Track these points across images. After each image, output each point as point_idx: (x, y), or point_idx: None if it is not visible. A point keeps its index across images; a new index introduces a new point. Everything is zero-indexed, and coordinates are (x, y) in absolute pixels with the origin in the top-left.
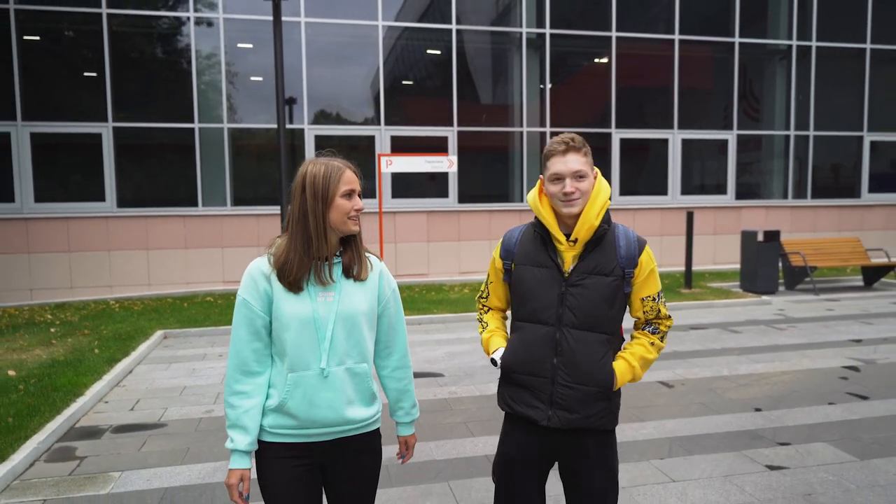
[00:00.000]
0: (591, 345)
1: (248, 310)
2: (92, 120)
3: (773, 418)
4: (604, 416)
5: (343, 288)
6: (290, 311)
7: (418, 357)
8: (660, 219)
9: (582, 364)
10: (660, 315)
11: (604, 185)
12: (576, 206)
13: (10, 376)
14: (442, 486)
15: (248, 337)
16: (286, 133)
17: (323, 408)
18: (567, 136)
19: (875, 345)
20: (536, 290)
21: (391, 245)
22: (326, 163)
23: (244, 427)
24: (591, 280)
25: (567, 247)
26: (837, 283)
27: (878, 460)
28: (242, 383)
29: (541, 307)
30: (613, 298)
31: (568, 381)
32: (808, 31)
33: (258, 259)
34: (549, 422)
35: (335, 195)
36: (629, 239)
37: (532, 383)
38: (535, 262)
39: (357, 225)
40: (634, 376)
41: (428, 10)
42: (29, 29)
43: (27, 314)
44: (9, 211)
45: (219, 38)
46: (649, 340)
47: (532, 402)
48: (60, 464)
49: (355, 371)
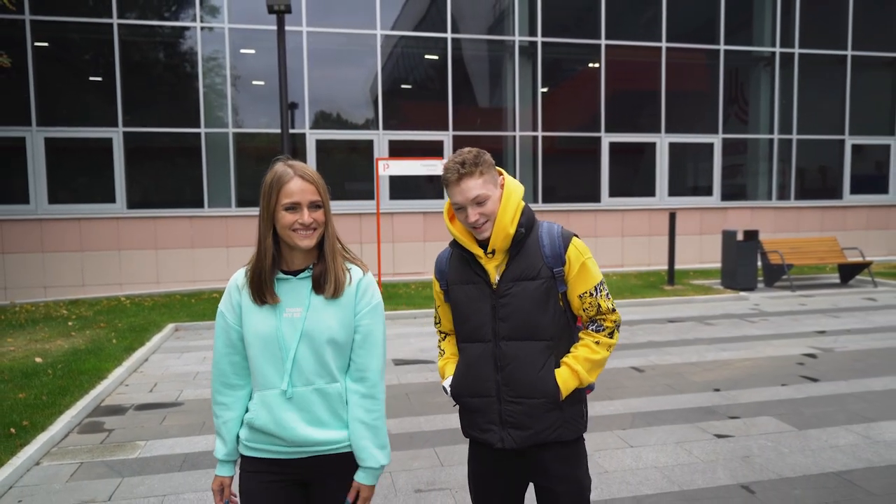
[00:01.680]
0: (530, 355)
1: (223, 321)
2: (103, 125)
3: (728, 397)
4: (559, 427)
5: (312, 304)
6: (253, 326)
7: (413, 346)
8: (648, 220)
9: (522, 376)
10: (601, 310)
11: (513, 188)
12: (485, 231)
13: (37, 363)
14: (429, 451)
15: (225, 349)
16: (288, 137)
17: (288, 428)
18: (457, 160)
19: (836, 335)
20: (469, 308)
21: (389, 244)
22: (276, 170)
23: (223, 437)
24: (518, 287)
25: (487, 259)
26: (815, 280)
27: (814, 430)
28: (223, 395)
29: (476, 324)
30: (546, 302)
31: (512, 397)
32: (791, 39)
33: (239, 270)
34: (504, 443)
35: (276, 207)
36: (553, 236)
37: (480, 405)
38: (464, 280)
39: (308, 239)
40: (581, 381)
41: (424, 18)
42: (43, 38)
43: (43, 310)
44: (24, 212)
45: (224, 46)
46: (593, 339)
47: (484, 425)
48: (92, 434)
49: (326, 392)
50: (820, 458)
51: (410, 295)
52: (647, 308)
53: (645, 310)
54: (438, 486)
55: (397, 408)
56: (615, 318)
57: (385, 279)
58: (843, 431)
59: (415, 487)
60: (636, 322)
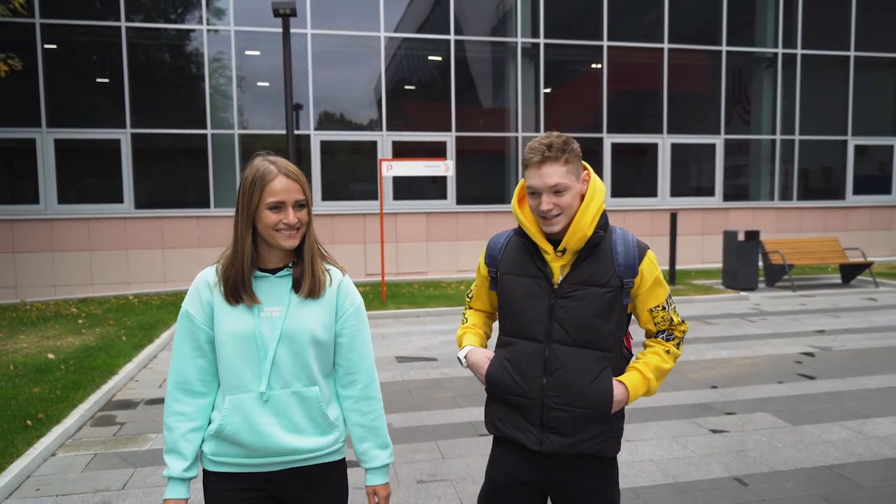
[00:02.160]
0: (584, 363)
1: (190, 322)
2: (111, 126)
3: (725, 394)
4: (603, 441)
5: (292, 303)
6: (228, 326)
7: (415, 345)
8: (649, 220)
9: (574, 384)
10: (672, 323)
11: (598, 187)
12: (556, 224)
13: (50, 359)
14: (430, 444)
15: (190, 353)
16: (293, 138)
17: (264, 435)
18: (545, 142)
19: (835, 335)
20: (523, 303)
21: (392, 245)
22: (258, 167)
23: (180, 452)
24: (583, 292)
25: (554, 257)
26: (816, 280)
27: (808, 426)
28: (183, 403)
29: (528, 322)
30: (609, 312)
31: (558, 403)
32: (794, 40)
33: (207, 268)
34: (542, 446)
35: (258, 207)
36: (628, 245)
37: (521, 405)
38: (521, 272)
39: (291, 239)
40: (649, 389)
41: (428, 19)
42: (53, 41)
43: (53, 308)
44: (34, 212)
45: (229, 48)
46: (664, 348)
47: (522, 424)
48: (104, 427)
49: (304, 395)
50: (813, 452)
51: (413, 294)
52: None
53: None
54: (440, 477)
55: (400, 403)
56: (685, 328)
57: (388, 279)
58: (837, 427)
59: (417, 478)
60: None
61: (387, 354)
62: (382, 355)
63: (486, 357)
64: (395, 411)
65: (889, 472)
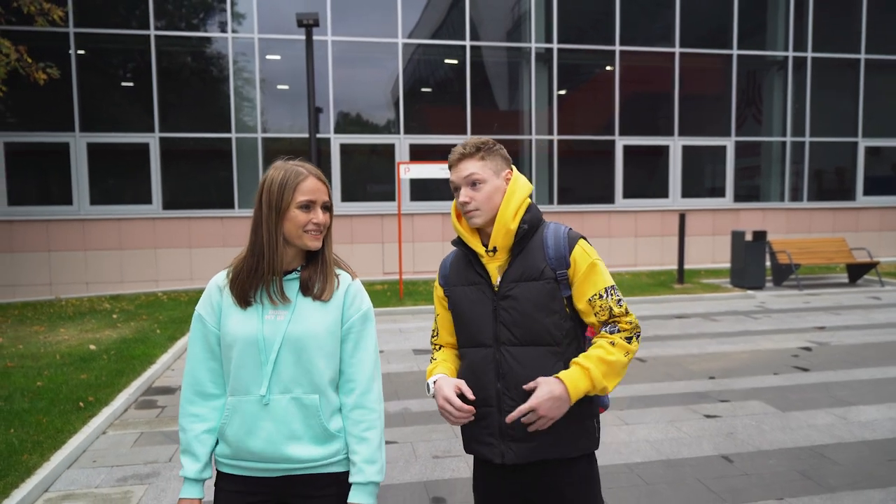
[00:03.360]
0: (534, 360)
1: (202, 325)
2: (141, 130)
3: (722, 384)
4: (565, 444)
5: (298, 307)
6: (233, 328)
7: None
8: (660, 220)
9: (525, 384)
10: (613, 313)
11: (520, 183)
12: (476, 217)
13: (92, 349)
14: (445, 426)
15: (203, 355)
16: (315, 142)
17: (260, 439)
18: (464, 143)
19: (835, 331)
20: (470, 311)
21: (409, 244)
22: (287, 168)
23: (194, 453)
24: (519, 288)
25: (489, 258)
26: (823, 279)
27: (796, 412)
28: (196, 405)
29: (476, 329)
30: (549, 304)
31: (512, 408)
32: (805, 43)
33: (220, 272)
34: (504, 458)
35: (289, 205)
36: (558, 237)
37: (482, 416)
38: (465, 281)
39: (317, 240)
40: (593, 383)
41: (443, 24)
42: (85, 49)
43: (87, 304)
44: (68, 213)
45: (253, 55)
46: (607, 340)
47: (484, 437)
48: (147, 410)
49: (303, 402)
50: (797, 435)
51: (429, 292)
52: (656, 305)
53: (654, 307)
54: (453, 453)
55: (417, 391)
56: (631, 319)
57: (406, 277)
58: (823, 413)
59: (433, 454)
60: (644, 318)
61: (404, 347)
62: (400, 348)
63: (453, 384)
64: (412, 397)
65: (865, 452)
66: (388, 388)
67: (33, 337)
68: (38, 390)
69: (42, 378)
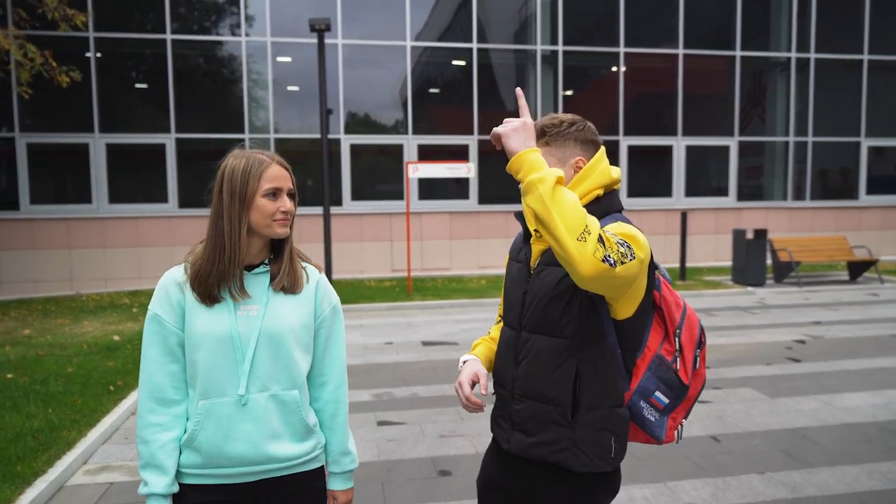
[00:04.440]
0: (545, 352)
1: (160, 326)
2: (157, 132)
3: (716, 373)
4: (566, 450)
5: (270, 300)
6: (203, 327)
7: (439, 331)
8: (664, 219)
9: (535, 374)
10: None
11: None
12: None
13: (115, 340)
14: (451, 410)
15: (161, 358)
16: (327, 143)
17: (240, 442)
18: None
19: (830, 325)
20: (510, 288)
21: (417, 242)
22: (248, 155)
23: (160, 466)
24: (545, 272)
25: (535, 238)
26: (824, 277)
27: (784, 398)
28: (157, 413)
29: (509, 306)
30: (568, 293)
31: (521, 396)
32: (807, 44)
33: (173, 268)
34: (509, 444)
35: (255, 194)
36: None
37: (502, 397)
38: (515, 258)
39: (285, 227)
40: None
41: (450, 27)
42: (104, 53)
43: (107, 299)
44: (87, 211)
45: (266, 58)
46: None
47: (499, 419)
48: None
49: (283, 399)
50: (783, 418)
51: (437, 288)
52: None
53: None
54: (459, 433)
55: (425, 378)
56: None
57: (414, 274)
58: (809, 400)
59: (439, 434)
60: None
61: (413, 339)
62: (409, 340)
63: (473, 372)
64: (422, 383)
65: (846, 434)
66: (396, 376)
67: (59, 329)
68: (69, 376)
69: (72, 365)
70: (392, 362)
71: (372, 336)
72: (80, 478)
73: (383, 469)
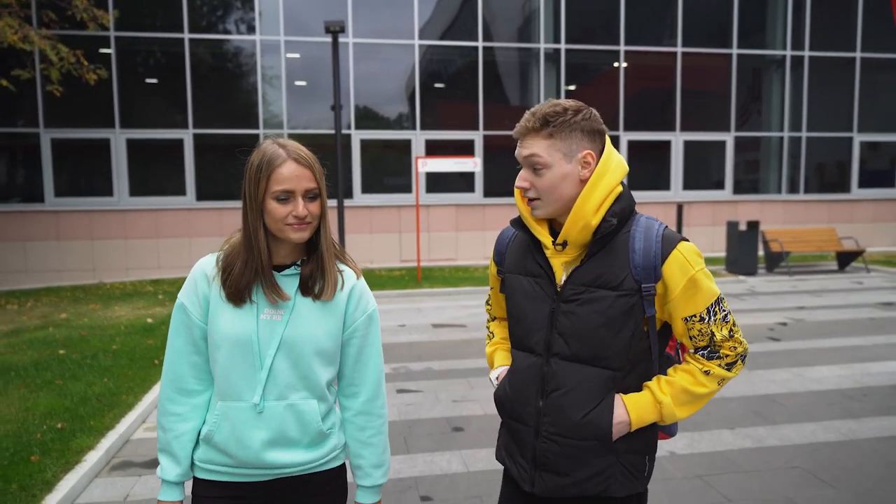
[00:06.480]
0: (586, 383)
1: (185, 316)
2: (175, 127)
3: None
4: (610, 478)
5: (297, 306)
6: (224, 326)
7: (448, 315)
8: (662, 212)
9: (571, 409)
10: (714, 340)
11: (610, 166)
12: (537, 208)
13: (149, 322)
14: (462, 380)
15: (185, 348)
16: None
17: (253, 448)
18: (534, 109)
19: (812, 310)
20: (525, 306)
21: (425, 234)
22: (264, 151)
23: (174, 454)
24: (590, 295)
25: (554, 252)
26: (814, 267)
27: (760, 370)
28: (177, 403)
29: (527, 330)
30: (623, 322)
31: (552, 434)
32: (802, 42)
33: (207, 257)
34: (534, 487)
35: (265, 197)
36: (650, 238)
37: (517, 432)
38: (523, 271)
39: (301, 232)
40: (662, 416)
41: (455, 25)
42: (125, 51)
43: (131, 287)
44: (108, 204)
45: (279, 56)
46: (701, 367)
47: (517, 457)
48: None
49: (300, 409)
50: (757, 386)
51: (445, 277)
52: None
53: None
54: (470, 399)
55: (438, 355)
56: (735, 345)
57: (423, 264)
58: (783, 371)
59: (452, 399)
60: None
61: (423, 322)
62: (419, 323)
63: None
64: (434, 359)
65: (811, 399)
66: (412, 353)
67: (93, 313)
68: (115, 352)
69: (116, 343)
70: (406, 342)
71: (385, 320)
72: (140, 433)
73: (405, 426)
